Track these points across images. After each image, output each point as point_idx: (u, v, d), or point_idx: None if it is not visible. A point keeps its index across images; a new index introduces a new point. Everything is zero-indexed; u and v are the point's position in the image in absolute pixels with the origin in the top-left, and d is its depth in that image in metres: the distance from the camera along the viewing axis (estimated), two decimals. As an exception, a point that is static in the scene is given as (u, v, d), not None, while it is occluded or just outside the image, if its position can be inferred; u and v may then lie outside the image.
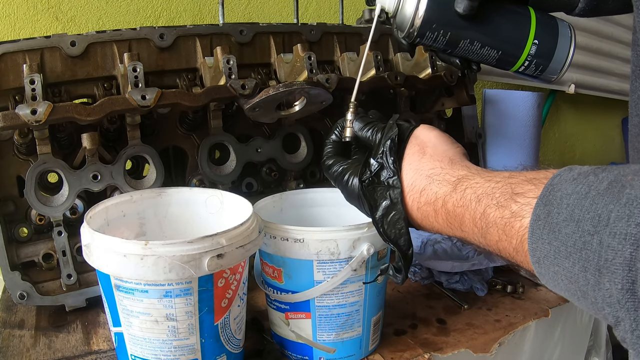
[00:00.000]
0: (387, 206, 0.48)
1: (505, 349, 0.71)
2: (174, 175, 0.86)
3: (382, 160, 0.49)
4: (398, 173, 0.48)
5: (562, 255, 0.32)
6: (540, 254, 0.34)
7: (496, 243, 0.39)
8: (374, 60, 0.85)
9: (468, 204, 0.42)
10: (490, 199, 0.40)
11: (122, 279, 0.49)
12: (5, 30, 0.99)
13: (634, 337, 0.29)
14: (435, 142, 0.49)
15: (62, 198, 0.69)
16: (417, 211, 0.47)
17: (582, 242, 0.31)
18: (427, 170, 0.47)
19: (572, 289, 0.33)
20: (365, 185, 0.49)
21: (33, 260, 0.72)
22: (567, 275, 0.33)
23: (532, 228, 0.35)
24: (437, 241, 0.86)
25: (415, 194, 0.47)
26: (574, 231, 0.32)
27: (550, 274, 0.34)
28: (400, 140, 0.50)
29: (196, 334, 0.51)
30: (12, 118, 0.61)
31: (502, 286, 0.82)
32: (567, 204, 0.33)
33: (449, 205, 0.44)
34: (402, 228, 0.48)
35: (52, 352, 0.64)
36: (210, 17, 1.17)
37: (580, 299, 0.33)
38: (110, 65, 0.73)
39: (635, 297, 0.28)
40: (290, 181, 0.86)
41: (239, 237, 0.51)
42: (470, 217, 0.42)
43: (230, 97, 0.72)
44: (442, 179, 0.46)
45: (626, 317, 0.29)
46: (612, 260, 0.29)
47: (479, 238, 0.42)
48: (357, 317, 0.60)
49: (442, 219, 0.45)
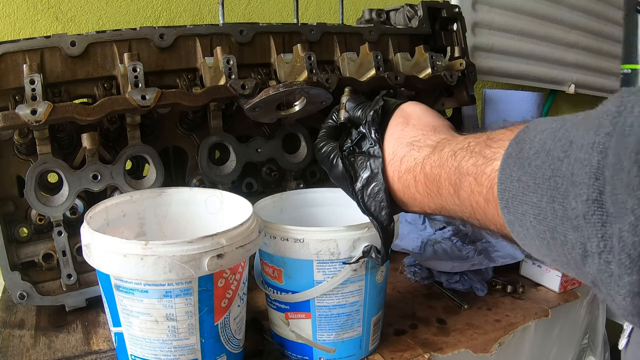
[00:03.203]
0: (368, 177, 0.47)
1: (505, 349, 0.71)
2: (174, 175, 0.86)
3: (365, 129, 0.48)
4: (379, 143, 0.47)
5: (530, 190, 0.30)
6: (509, 194, 0.32)
7: (468, 198, 0.37)
8: (374, 60, 0.85)
9: (444, 161, 0.40)
10: (465, 151, 0.38)
11: (122, 279, 0.49)
12: (5, 30, 0.99)
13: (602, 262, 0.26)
14: (420, 114, 0.48)
15: (62, 198, 0.69)
16: (398, 182, 0.45)
17: (551, 170, 0.29)
18: (408, 138, 0.46)
19: (541, 231, 0.30)
20: (345, 154, 0.48)
21: (33, 260, 0.72)
22: (535, 212, 0.30)
23: (502, 168, 0.33)
24: (437, 241, 0.86)
25: (396, 162, 0.46)
26: (543, 161, 0.29)
27: (519, 218, 0.32)
28: (385, 113, 0.48)
29: (196, 334, 0.51)
30: (12, 118, 0.61)
31: (502, 286, 0.82)
32: (540, 139, 0.31)
33: (427, 167, 0.42)
34: (382, 200, 0.46)
35: (52, 352, 0.64)
36: (210, 17, 1.17)
37: (549, 242, 0.30)
38: (110, 65, 0.73)
39: (602, 209, 0.25)
40: (290, 181, 0.86)
41: (239, 237, 0.51)
42: (446, 175, 0.40)
43: (230, 97, 0.72)
44: (423, 144, 0.44)
45: (593, 235, 0.26)
46: (578, 173, 0.26)
47: (453, 199, 0.39)
48: (357, 317, 0.60)
49: (421, 186, 0.43)
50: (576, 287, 0.83)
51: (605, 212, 0.25)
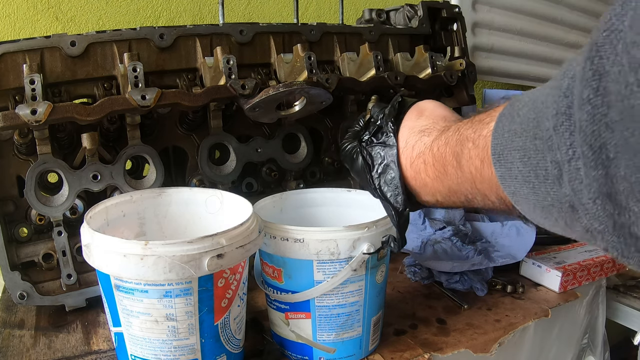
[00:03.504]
0: (384, 165, 0.50)
1: (505, 349, 0.71)
2: (174, 175, 0.86)
3: (382, 122, 0.52)
4: (395, 133, 0.50)
5: (517, 135, 0.32)
6: (500, 147, 0.34)
7: (467, 164, 0.39)
8: (374, 60, 0.85)
9: (449, 138, 0.43)
10: (467, 124, 0.41)
11: (122, 279, 0.49)
12: (5, 30, 0.99)
13: (572, 170, 0.26)
14: (433, 107, 0.51)
15: (62, 198, 0.69)
16: (410, 168, 0.48)
17: (535, 113, 0.30)
18: (420, 126, 0.49)
19: (527, 174, 0.31)
20: (363, 145, 0.52)
21: (33, 260, 0.72)
22: (521, 155, 0.31)
23: (495, 125, 0.35)
24: (437, 241, 0.86)
25: (409, 150, 0.48)
26: (529, 108, 0.31)
27: (508, 169, 0.33)
28: (402, 108, 0.52)
29: (196, 334, 0.51)
30: (12, 118, 0.61)
31: (502, 286, 0.82)
32: (529, 95, 0.33)
33: (435, 148, 0.45)
34: (397, 187, 0.49)
35: (52, 352, 0.64)
36: (210, 17, 1.17)
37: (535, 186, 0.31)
38: (110, 65, 0.73)
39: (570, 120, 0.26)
40: (290, 181, 0.86)
41: (239, 237, 0.51)
42: (451, 150, 0.42)
43: (230, 97, 0.72)
44: (433, 130, 0.47)
45: (562, 144, 0.27)
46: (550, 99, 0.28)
47: (456, 172, 0.41)
48: (357, 317, 0.60)
49: (431, 169, 0.45)
50: (576, 287, 0.83)
51: (573, 123, 0.26)
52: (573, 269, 0.81)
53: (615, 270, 0.89)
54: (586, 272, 0.83)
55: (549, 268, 0.82)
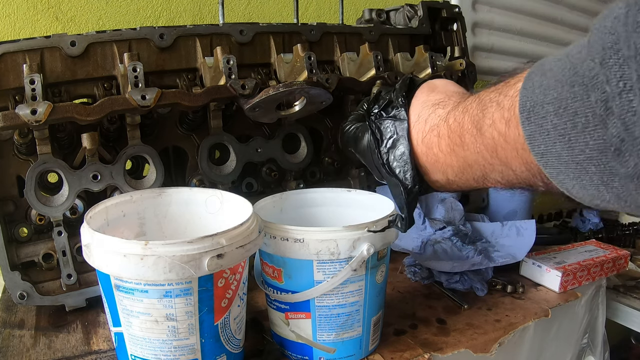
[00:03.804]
0: (393, 139, 0.48)
1: (505, 349, 0.71)
2: (174, 175, 0.86)
3: (392, 95, 0.50)
4: (405, 107, 0.48)
5: (551, 88, 0.31)
6: (530, 103, 0.33)
7: (491, 128, 0.38)
8: (374, 60, 0.85)
9: (468, 107, 0.41)
10: (488, 91, 0.39)
11: (122, 279, 0.49)
12: (5, 30, 0.99)
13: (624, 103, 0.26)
14: (445, 83, 0.50)
15: (62, 198, 0.69)
16: (422, 143, 0.46)
17: (571, 64, 0.30)
18: (433, 100, 0.47)
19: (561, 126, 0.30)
20: (372, 119, 0.50)
21: (33, 260, 0.72)
22: (556, 107, 0.30)
23: (524, 84, 0.34)
24: (437, 241, 0.86)
25: (421, 124, 0.47)
26: (564, 62, 0.30)
27: (539, 125, 0.32)
28: (413, 86, 0.50)
29: (196, 334, 0.51)
30: (12, 118, 0.61)
31: (502, 286, 0.82)
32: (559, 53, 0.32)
33: (451, 120, 0.43)
34: (406, 162, 0.47)
35: (52, 352, 0.64)
36: (210, 17, 1.17)
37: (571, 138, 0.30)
38: (110, 65, 0.73)
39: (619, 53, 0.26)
40: (290, 181, 0.86)
41: (239, 237, 0.51)
42: (469, 118, 0.40)
43: (230, 97, 0.72)
44: (448, 103, 0.46)
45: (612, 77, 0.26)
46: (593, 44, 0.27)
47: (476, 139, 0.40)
48: (357, 317, 0.60)
49: (444, 142, 0.44)
50: (576, 287, 0.83)
51: (622, 55, 0.26)
52: (573, 269, 0.81)
53: (615, 270, 0.89)
54: (586, 272, 0.83)
55: (549, 268, 0.82)
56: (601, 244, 0.94)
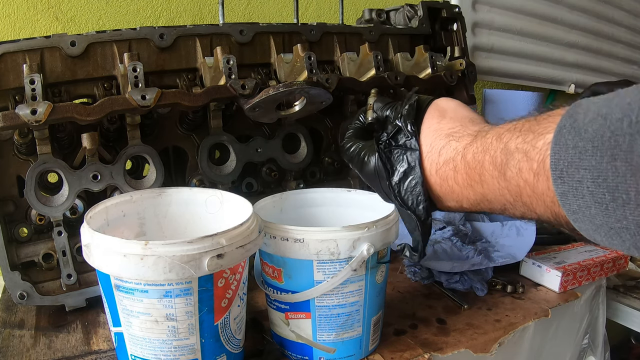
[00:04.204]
0: (405, 170, 0.47)
1: (505, 349, 0.71)
2: (174, 175, 0.86)
3: (400, 123, 0.48)
4: (416, 135, 0.47)
5: (588, 154, 0.30)
6: (563, 163, 0.32)
7: (517, 176, 0.37)
8: (374, 60, 0.85)
9: (489, 145, 0.40)
10: (512, 132, 0.38)
11: (122, 279, 0.49)
12: (5, 30, 0.99)
13: None
14: (455, 107, 0.48)
15: (62, 198, 0.69)
16: (435, 175, 0.45)
17: (611, 131, 0.29)
18: (446, 129, 0.45)
19: (600, 195, 0.30)
20: (382, 148, 0.48)
21: (33, 260, 0.72)
22: (594, 176, 0.30)
23: (555, 138, 0.32)
24: (437, 241, 0.86)
25: (434, 155, 0.45)
26: (601, 125, 0.29)
27: (573, 187, 0.31)
28: (420, 108, 0.48)
29: (196, 334, 0.51)
30: (12, 118, 0.61)
31: (502, 286, 0.82)
32: (594, 108, 0.31)
33: (469, 156, 0.42)
34: (419, 194, 0.46)
35: (52, 352, 0.64)
36: (210, 17, 1.17)
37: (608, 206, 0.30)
38: (110, 65, 0.73)
39: None
40: (290, 181, 0.86)
41: (239, 237, 0.51)
42: (491, 158, 0.39)
43: (230, 97, 0.72)
44: (463, 134, 0.44)
45: None
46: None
47: (499, 182, 0.39)
48: (357, 317, 0.60)
49: (461, 177, 0.43)
50: (576, 287, 0.83)
51: None
52: (573, 269, 0.81)
53: (615, 270, 0.89)
54: (586, 272, 0.83)
55: (549, 268, 0.82)
56: (601, 244, 0.94)
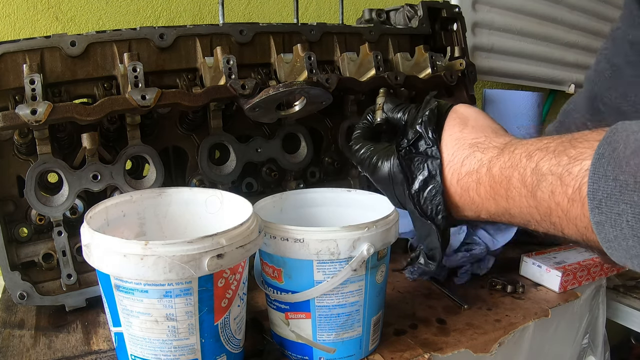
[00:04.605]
0: (425, 179, 0.45)
1: (505, 349, 0.71)
2: (174, 175, 0.86)
3: (421, 129, 0.47)
4: (437, 143, 0.45)
5: (629, 189, 0.30)
6: (602, 194, 0.31)
7: (549, 199, 0.36)
8: (374, 60, 0.85)
9: (517, 162, 0.39)
10: (544, 152, 0.37)
11: (122, 279, 0.49)
12: (5, 30, 0.99)
13: None
14: (476, 116, 0.47)
15: (62, 198, 0.69)
16: (456, 184, 0.44)
17: None
18: (470, 139, 0.45)
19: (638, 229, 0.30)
20: (402, 155, 0.47)
21: (33, 260, 0.72)
22: (635, 212, 0.30)
23: (594, 167, 0.32)
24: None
25: (456, 164, 0.44)
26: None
27: (612, 219, 0.31)
28: (440, 114, 0.47)
29: (196, 334, 0.51)
30: (12, 118, 0.61)
31: (502, 286, 0.82)
32: (635, 139, 0.30)
33: (495, 169, 0.41)
34: (439, 203, 0.45)
35: (52, 352, 0.64)
36: (210, 17, 1.17)
37: None
38: (110, 65, 0.73)
39: None
40: (290, 181, 0.86)
41: (239, 237, 0.51)
42: (520, 175, 0.38)
43: (230, 97, 0.72)
44: (488, 146, 0.43)
45: None
46: None
47: (527, 200, 0.38)
48: (357, 317, 0.60)
49: (484, 189, 0.42)
50: (576, 287, 0.83)
51: None
52: (573, 269, 0.81)
53: (615, 270, 0.89)
54: (586, 272, 0.83)
55: (549, 268, 0.82)
56: (601, 244, 0.94)
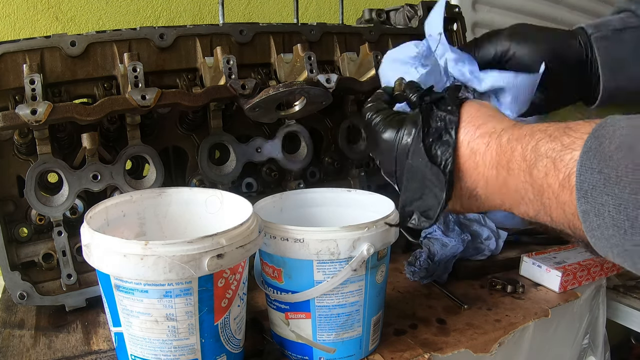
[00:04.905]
0: (440, 131, 0.48)
1: (505, 349, 0.71)
2: (174, 175, 0.86)
3: (446, 94, 0.50)
4: (458, 106, 0.49)
5: (612, 182, 0.32)
6: (588, 185, 0.34)
7: (543, 178, 0.39)
8: (374, 60, 0.85)
9: (522, 137, 0.42)
10: (543, 133, 0.40)
11: (122, 279, 0.49)
12: (5, 30, 0.99)
13: None
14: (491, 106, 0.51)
15: (62, 198, 0.69)
16: (467, 146, 0.47)
17: (634, 164, 0.31)
18: (488, 112, 0.48)
19: (620, 220, 0.32)
20: (423, 107, 0.50)
21: (33, 260, 0.72)
22: (616, 203, 0.32)
23: (581, 159, 0.35)
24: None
25: (471, 127, 0.47)
26: (625, 155, 0.32)
27: (596, 208, 0.33)
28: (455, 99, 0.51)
29: (196, 334, 0.51)
30: (12, 118, 0.61)
31: (502, 286, 0.82)
32: (620, 135, 0.33)
33: (504, 139, 0.44)
34: (450, 157, 0.48)
35: (52, 352, 0.64)
36: (210, 17, 1.17)
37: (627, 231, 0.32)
38: (110, 65, 0.73)
39: None
40: (290, 181, 0.86)
41: (239, 237, 0.51)
42: (522, 150, 0.41)
43: (230, 97, 0.72)
44: (503, 120, 0.47)
45: None
46: None
47: (524, 175, 0.41)
48: (357, 317, 0.60)
49: (490, 155, 0.45)
50: (576, 287, 0.83)
51: None
52: (573, 269, 0.81)
53: (615, 270, 0.89)
54: (586, 272, 0.83)
55: (549, 268, 0.82)
56: (601, 244, 0.94)
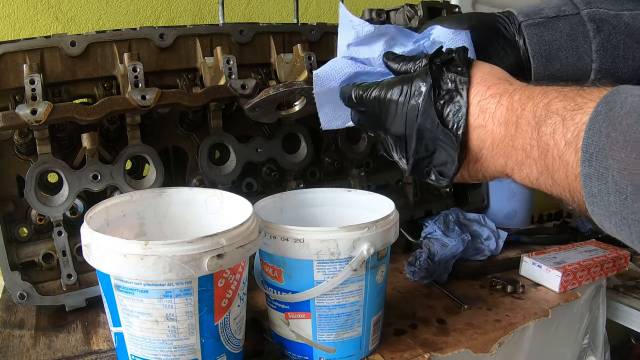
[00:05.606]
0: (451, 93, 0.48)
1: (505, 349, 0.71)
2: (174, 175, 0.86)
3: (454, 54, 0.49)
4: (468, 67, 0.48)
5: (618, 146, 0.32)
6: (594, 148, 0.34)
7: (550, 135, 0.38)
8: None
9: (534, 95, 0.42)
10: (558, 92, 0.40)
11: (122, 279, 0.49)
12: (5, 30, 0.99)
13: None
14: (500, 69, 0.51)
15: (62, 198, 0.69)
16: (477, 105, 0.46)
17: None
18: (499, 73, 0.48)
19: (623, 185, 0.32)
20: (434, 68, 0.49)
21: (33, 260, 0.72)
22: (621, 167, 0.32)
23: (590, 122, 0.34)
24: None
25: (482, 87, 0.47)
26: (635, 121, 0.31)
27: (599, 172, 0.33)
28: None
29: (196, 334, 0.51)
30: (12, 118, 0.61)
31: (502, 286, 0.82)
32: (631, 102, 0.33)
33: (515, 97, 0.44)
34: (462, 118, 0.47)
35: (52, 352, 0.64)
36: (210, 17, 1.17)
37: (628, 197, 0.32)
38: (110, 65, 0.73)
39: None
40: (290, 181, 0.86)
41: (239, 237, 0.51)
42: (533, 106, 0.41)
43: (230, 97, 0.72)
44: (514, 81, 0.47)
45: None
46: None
47: (532, 132, 0.41)
48: (357, 317, 0.60)
49: (500, 113, 0.44)
50: (576, 287, 0.83)
51: None
52: (573, 269, 0.81)
53: (615, 270, 0.89)
54: (586, 272, 0.83)
55: (549, 268, 0.82)
56: (601, 244, 0.94)
